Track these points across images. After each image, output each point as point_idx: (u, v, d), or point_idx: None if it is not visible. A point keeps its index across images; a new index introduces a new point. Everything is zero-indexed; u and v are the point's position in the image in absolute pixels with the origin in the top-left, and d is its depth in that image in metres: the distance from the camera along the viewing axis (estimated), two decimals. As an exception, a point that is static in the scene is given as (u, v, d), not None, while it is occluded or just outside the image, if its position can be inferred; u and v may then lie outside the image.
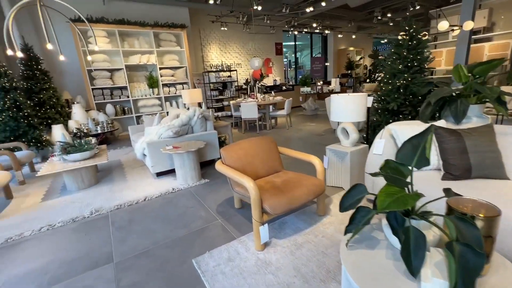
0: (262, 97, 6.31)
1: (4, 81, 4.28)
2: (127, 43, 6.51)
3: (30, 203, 2.92)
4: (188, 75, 7.43)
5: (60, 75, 6.09)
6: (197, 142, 3.31)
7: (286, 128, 6.29)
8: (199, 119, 3.63)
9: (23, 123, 4.44)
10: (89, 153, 3.27)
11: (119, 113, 6.61)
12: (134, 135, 4.55)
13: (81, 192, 3.13)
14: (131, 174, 3.65)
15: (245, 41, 10.27)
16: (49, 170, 2.90)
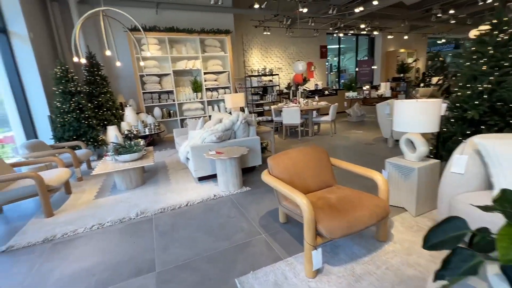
0: (304, 102, 6.04)
1: (71, 86, 4.74)
2: (175, 49, 6.82)
3: (85, 200, 3.10)
4: (230, 79, 7.51)
5: (116, 79, 6.62)
6: (240, 148, 3.20)
7: (330, 135, 5.91)
8: (242, 124, 3.54)
9: (84, 124, 4.86)
10: (138, 154, 3.39)
11: (165, 116, 6.93)
12: (178, 138, 4.66)
13: (129, 192, 3.25)
14: (175, 177, 3.70)
15: (286, 45, 10.11)
16: (102, 170, 3.05)
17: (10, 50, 4.54)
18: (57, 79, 4.69)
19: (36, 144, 3.76)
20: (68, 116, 4.72)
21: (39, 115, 4.89)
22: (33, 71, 4.72)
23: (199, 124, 4.31)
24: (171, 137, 6.91)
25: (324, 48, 9.93)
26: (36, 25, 4.98)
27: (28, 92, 4.76)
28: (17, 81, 4.62)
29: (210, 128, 3.53)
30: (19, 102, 4.69)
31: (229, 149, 3.21)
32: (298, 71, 6.36)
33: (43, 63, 4.95)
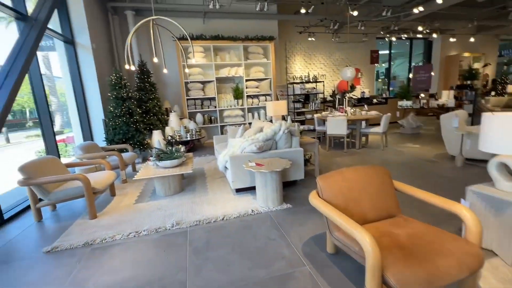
0: (352, 111, 5.54)
1: (123, 92, 5.04)
2: (219, 57, 6.91)
3: (126, 203, 3.14)
4: (272, 86, 7.35)
5: (163, 86, 6.95)
6: (282, 161, 2.94)
7: (380, 148, 5.30)
8: (285, 134, 3.28)
9: (132, 127, 5.12)
10: (178, 161, 3.36)
11: (206, 122, 7.03)
12: (218, 145, 4.59)
13: (167, 199, 3.21)
14: (212, 186, 3.59)
15: (331, 51, 9.65)
16: (143, 175, 3.06)
17: (76, 59, 5.02)
18: (112, 86, 5.03)
19: (89, 146, 4.02)
20: (119, 120, 5.00)
21: (95, 119, 5.30)
22: (92, 78, 5.14)
23: (239, 132, 4.17)
24: (211, 143, 6.97)
25: (375, 53, 9.21)
26: (98, 36, 5.45)
27: (88, 97, 5.20)
28: (79, 87, 5.07)
29: (250, 137, 3.35)
30: (80, 106, 5.14)
31: (270, 161, 2.97)
32: (346, 77, 5.90)
33: (101, 71, 5.38)
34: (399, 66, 13.79)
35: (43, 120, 3.90)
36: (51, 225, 2.74)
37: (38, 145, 7.83)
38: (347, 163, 4.41)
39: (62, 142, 6.63)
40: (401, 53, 12.78)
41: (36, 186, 2.60)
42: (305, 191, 3.24)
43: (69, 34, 4.87)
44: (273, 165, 2.78)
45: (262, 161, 2.98)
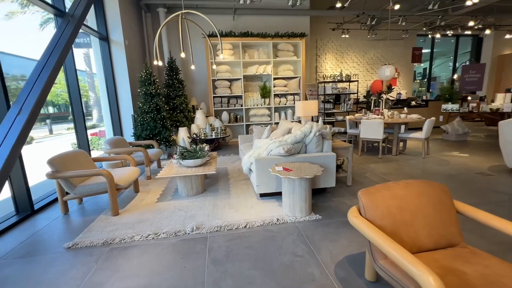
0: (389, 113, 5.05)
1: (152, 88, 5.08)
2: (247, 54, 6.75)
3: (148, 201, 3.09)
4: (301, 85, 7.03)
5: (191, 83, 6.96)
6: (313, 166, 2.67)
7: (421, 156, 4.76)
8: (316, 137, 3.00)
9: (159, 124, 5.14)
10: (201, 160, 3.23)
11: (232, 120, 6.92)
12: (242, 145, 4.42)
13: (189, 199, 3.10)
14: (235, 188, 3.42)
15: (366, 49, 9.06)
16: (166, 174, 2.98)
17: (110, 55, 5.15)
18: (142, 82, 5.09)
19: (117, 141, 4.06)
20: (147, 116, 5.05)
21: (125, 114, 5.41)
22: (123, 74, 5.25)
23: (266, 133, 3.95)
24: (236, 142, 6.85)
25: (417, 51, 8.46)
26: (130, 33, 5.56)
27: (119, 93, 5.32)
28: (112, 83, 5.20)
29: (277, 138, 3.12)
30: (112, 101, 5.27)
31: (299, 165, 2.72)
32: (384, 76, 5.41)
33: (132, 67, 5.48)
34: (439, 66, 12.64)
35: (76, 114, 4.01)
36: (76, 218, 2.76)
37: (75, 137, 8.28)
38: (383, 171, 3.99)
39: (95, 136, 6.94)
40: (441, 52, 11.67)
41: (62, 179, 2.61)
42: (336, 201, 2.93)
43: (104, 31, 5.00)
44: (302, 171, 2.52)
45: (290, 165, 2.73)
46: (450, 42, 10.69)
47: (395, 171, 3.98)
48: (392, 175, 3.76)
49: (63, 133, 13.68)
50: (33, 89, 2.73)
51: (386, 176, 3.75)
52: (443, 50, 11.45)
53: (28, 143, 9.91)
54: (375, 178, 3.65)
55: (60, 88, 12.41)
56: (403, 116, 4.93)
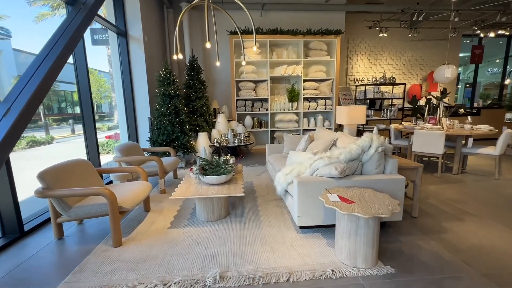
0: (448, 123, 4.17)
1: (171, 89, 4.56)
2: (275, 53, 6.12)
3: (159, 226, 2.49)
4: (334, 88, 6.27)
5: (212, 84, 6.42)
6: (380, 196, 1.94)
7: (493, 177, 3.83)
8: (378, 153, 2.26)
9: (177, 128, 4.60)
10: (226, 177, 2.60)
11: (255, 126, 6.29)
12: (271, 156, 3.75)
13: (209, 227, 2.46)
14: (266, 213, 2.74)
15: (403, 50, 8.14)
16: (181, 195, 2.36)
17: (127, 52, 4.71)
18: (160, 81, 4.60)
19: (129, 147, 3.54)
20: (165, 120, 4.54)
21: (142, 116, 4.94)
22: (141, 73, 4.79)
23: (302, 143, 3.26)
24: (259, 150, 6.20)
25: (478, 50, 7.41)
26: (151, 29, 5.12)
27: (136, 93, 4.86)
28: (128, 82, 4.75)
29: (324, 153, 2.41)
30: (128, 102, 4.82)
31: (360, 193, 2.00)
32: (443, 79, 4.54)
33: (151, 65, 5.02)
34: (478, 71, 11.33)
35: (86, 116, 3.55)
36: (71, 247, 2.21)
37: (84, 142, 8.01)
38: (450, 196, 3.15)
39: (111, 138, 6.59)
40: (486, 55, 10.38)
41: (54, 198, 2.07)
42: (406, 242, 2.17)
43: (122, 25, 4.58)
44: (368, 203, 1.80)
45: (347, 193, 2.01)
46: (494, 44, 9.44)
47: (467, 196, 3.12)
48: (466, 203, 2.91)
49: (84, 134, 13.79)
50: (27, 86, 2.23)
51: (459, 204, 2.90)
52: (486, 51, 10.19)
53: (49, 142, 9.89)
54: (445, 207, 2.83)
55: None
56: (468, 127, 4.03)
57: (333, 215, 2.22)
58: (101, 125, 14.40)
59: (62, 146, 9.52)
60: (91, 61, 8.01)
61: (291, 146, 3.79)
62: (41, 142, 9.07)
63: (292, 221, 2.52)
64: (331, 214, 2.21)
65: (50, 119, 14.35)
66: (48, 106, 13.98)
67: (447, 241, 2.17)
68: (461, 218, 2.56)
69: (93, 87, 11.07)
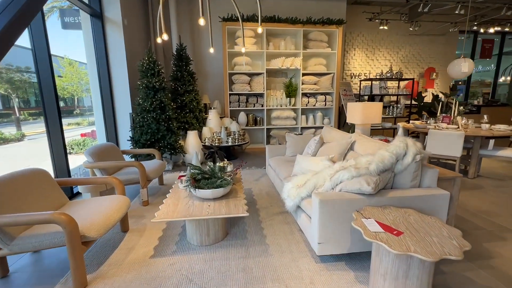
0: (463, 122, 3.83)
1: (155, 81, 3.96)
2: (272, 44, 5.59)
3: (139, 255, 1.95)
4: (334, 83, 5.83)
5: (203, 77, 5.82)
6: (429, 221, 1.49)
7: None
8: (416, 163, 1.82)
9: (163, 126, 4.02)
10: (224, 190, 2.09)
11: (250, 123, 5.77)
12: (272, 160, 3.26)
13: (203, 253, 1.95)
14: (272, 232, 2.25)
15: (401, 45, 7.84)
16: (167, 216, 1.83)
17: (104, 37, 4.05)
18: (143, 72, 3.98)
19: (103, 150, 2.94)
20: (148, 116, 3.94)
21: (121, 112, 4.31)
22: (121, 62, 4.14)
23: (312, 146, 2.78)
24: (255, 149, 5.69)
25: (488, 44, 7.13)
26: (132, 12, 4.45)
27: (114, 85, 4.21)
28: (105, 72, 4.10)
29: (348, 162, 1.95)
30: (105, 96, 4.17)
31: (402, 216, 1.54)
32: (459, 74, 4.18)
33: (132, 54, 4.37)
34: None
35: (48, 109, 2.91)
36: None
37: (74, 134, 7.28)
38: (477, 205, 2.78)
39: (88, 137, 5.89)
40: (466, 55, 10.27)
41: (-12, 228, 1.49)
42: (452, 273, 1.74)
43: (97, 5, 3.90)
44: (420, 232, 1.35)
45: (384, 215, 1.56)
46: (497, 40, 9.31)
47: (497, 207, 2.76)
48: (500, 216, 2.54)
49: (64, 129, 12.78)
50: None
51: (492, 217, 2.53)
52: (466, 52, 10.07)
53: (19, 140, 8.95)
54: (478, 221, 2.45)
55: (66, 82, 11.72)
56: (486, 127, 3.69)
57: (362, 240, 1.76)
58: (82, 120, 13.41)
59: (33, 144, 8.62)
60: (68, 50, 7.19)
61: (295, 148, 3.31)
62: (9, 139, 8.15)
63: (306, 244, 2.05)
64: (360, 239, 1.76)
65: (26, 113, 13.20)
66: (24, 99, 12.87)
67: (498, 269, 1.77)
68: (502, 237, 2.18)
69: (73, 79, 10.28)
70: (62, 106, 12.96)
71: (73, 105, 12.43)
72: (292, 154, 3.32)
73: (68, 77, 10.07)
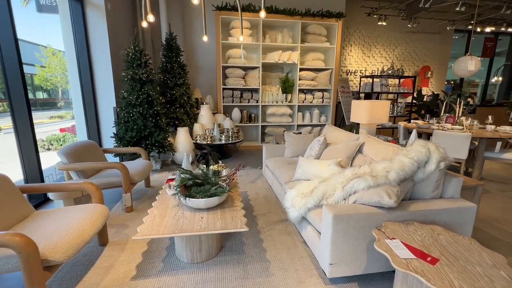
0: (467, 122, 3.68)
1: (142, 72, 3.61)
2: (268, 36, 5.29)
3: (119, 275, 1.66)
4: (332, 79, 5.61)
5: (195, 70, 5.47)
6: (463, 242, 1.26)
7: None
8: (440, 170, 1.60)
9: (151, 122, 3.69)
10: (219, 199, 1.81)
11: (244, 120, 5.48)
12: (271, 161, 3.01)
13: (195, 273, 1.68)
14: (273, 245, 2.00)
15: (397, 42, 7.71)
16: (152, 232, 1.54)
17: (84, 23, 3.64)
18: (128, 62, 3.62)
19: (82, 149, 2.60)
20: (134, 111, 3.59)
21: (105, 106, 3.93)
22: (103, 50, 3.75)
23: (316, 147, 2.54)
24: (249, 147, 5.42)
25: (490, 42, 7.04)
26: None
27: (96, 76, 3.83)
28: (86, 61, 3.70)
29: (362, 169, 1.71)
30: (86, 87, 3.78)
31: (432, 235, 1.32)
32: (466, 72, 4.02)
33: (116, 42, 3.98)
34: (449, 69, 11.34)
35: (15, 103, 2.53)
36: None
37: (57, 128, 6.81)
38: (490, 214, 2.62)
39: (69, 132, 5.45)
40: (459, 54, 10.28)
41: None
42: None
43: (76, -14, 3.49)
44: (459, 259, 1.12)
45: (408, 232, 1.32)
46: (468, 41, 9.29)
47: (508, 215, 2.61)
48: (512, 225, 2.39)
49: (44, 122, 12.12)
50: None
51: (505, 225, 2.37)
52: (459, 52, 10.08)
53: (-5, 133, 8.32)
54: (496, 232, 2.27)
55: (49, 72, 11.16)
56: (491, 128, 3.55)
57: (380, 260, 1.53)
58: (65, 113, 12.74)
59: (10, 138, 8.04)
60: (50, 39, 6.62)
61: (295, 149, 3.06)
62: (-21, 132, 7.56)
63: (312, 259, 1.81)
64: (378, 258, 1.53)
65: (5, 105, 12.42)
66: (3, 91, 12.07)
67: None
68: (522, 250, 2.01)
69: (57, 70, 9.70)
70: (45, 98, 12.28)
71: (57, 97, 11.79)
72: (292, 155, 3.07)
73: (52, 68, 9.46)
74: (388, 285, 1.58)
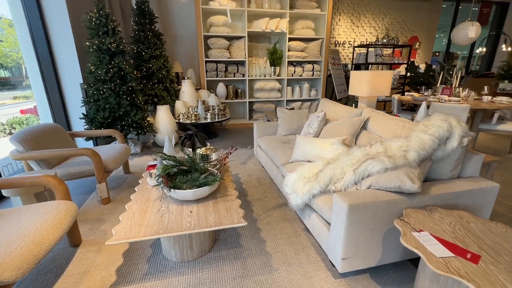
0: (464, 93, 3.56)
1: (111, 41, 3.09)
2: (254, 2, 4.76)
3: (96, 282, 1.40)
4: (323, 50, 5.26)
5: (173, 40, 4.90)
6: (497, 230, 1.10)
7: (505, 156, 3.40)
8: (462, 147, 1.41)
9: (126, 100, 3.25)
10: (209, 189, 1.55)
11: (230, 96, 5.10)
12: (263, 140, 2.74)
13: (186, 274, 1.46)
14: (272, 235, 1.81)
15: (386, 11, 7.38)
16: (129, 236, 1.26)
17: (32, -20, 3.00)
18: (92, 30, 3.08)
19: (41, 134, 2.19)
20: (105, 87, 3.13)
21: (69, 82, 3.41)
22: (61, 14, 3.15)
23: (314, 124, 2.30)
24: (237, 125, 5.11)
25: (486, 9, 6.81)
26: None
27: (55, 47, 3.26)
28: (40, 29, 3.11)
29: (375, 148, 1.49)
30: (44, 59, 3.23)
31: (461, 223, 1.14)
32: (465, 40, 3.80)
33: (77, 3, 3.36)
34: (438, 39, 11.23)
35: None
36: None
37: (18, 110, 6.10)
38: (486, 186, 2.56)
39: (31, 114, 4.83)
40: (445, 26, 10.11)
41: None
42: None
43: None
44: (501, 253, 0.95)
45: (434, 220, 1.14)
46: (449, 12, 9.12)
47: (509, 188, 2.56)
48: (513, 198, 2.34)
49: (7, 104, 11.04)
50: None
51: (508, 200, 2.32)
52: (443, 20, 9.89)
53: None
54: (500, 208, 2.21)
55: (7, 47, 9.88)
56: (487, 99, 3.45)
57: (396, 250, 1.37)
58: (31, 93, 11.59)
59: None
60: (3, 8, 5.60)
61: (289, 126, 2.81)
62: None
63: (317, 248, 1.64)
64: (394, 248, 1.36)
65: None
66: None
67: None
68: (528, 225, 1.95)
69: (18, 44, 8.58)
70: (7, 77, 11.09)
71: (21, 75, 10.64)
72: (286, 133, 2.82)
73: (10, 42, 8.32)
74: (402, 274, 1.44)
